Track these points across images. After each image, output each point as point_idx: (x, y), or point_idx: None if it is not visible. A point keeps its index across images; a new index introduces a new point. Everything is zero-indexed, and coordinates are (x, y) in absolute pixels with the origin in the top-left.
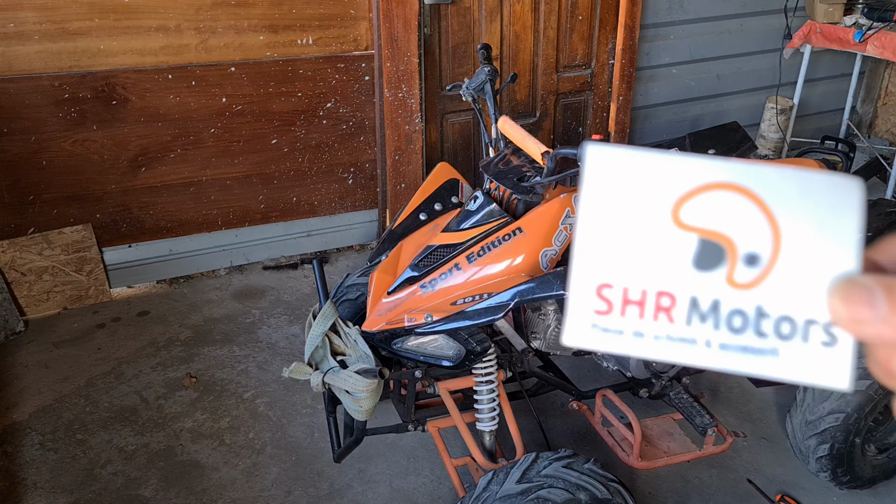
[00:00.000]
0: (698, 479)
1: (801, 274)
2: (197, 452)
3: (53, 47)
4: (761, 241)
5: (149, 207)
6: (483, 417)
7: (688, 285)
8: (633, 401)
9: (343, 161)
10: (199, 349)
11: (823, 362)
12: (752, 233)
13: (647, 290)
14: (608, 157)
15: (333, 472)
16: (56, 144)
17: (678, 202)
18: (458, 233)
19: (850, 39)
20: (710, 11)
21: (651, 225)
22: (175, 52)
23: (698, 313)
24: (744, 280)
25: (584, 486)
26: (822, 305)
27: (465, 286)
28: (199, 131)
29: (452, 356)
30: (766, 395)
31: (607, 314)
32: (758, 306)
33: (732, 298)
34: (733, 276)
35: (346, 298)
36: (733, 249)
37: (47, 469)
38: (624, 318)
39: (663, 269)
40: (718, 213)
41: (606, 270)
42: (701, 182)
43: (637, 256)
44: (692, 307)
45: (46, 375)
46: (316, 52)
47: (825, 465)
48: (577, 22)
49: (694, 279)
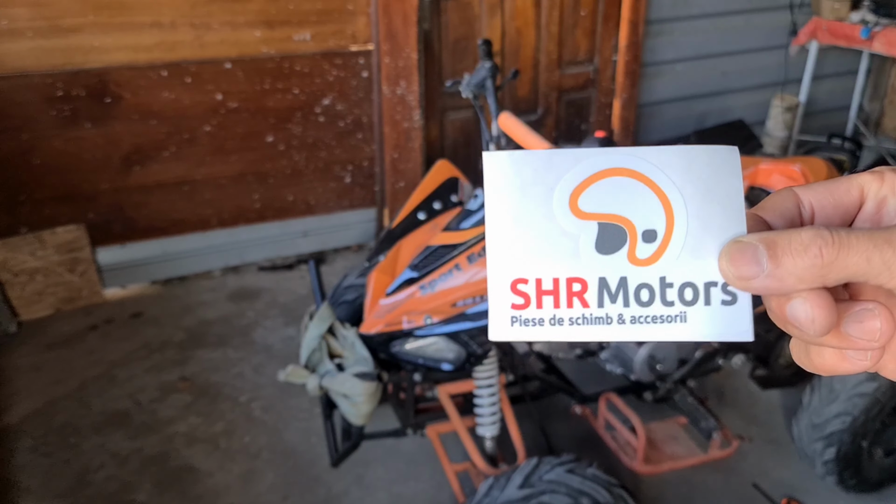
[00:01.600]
0: (703, 484)
1: (694, 242)
2: (191, 457)
3: (46, 44)
4: (655, 217)
5: (142, 207)
6: (484, 422)
7: (595, 269)
8: (637, 404)
9: (340, 159)
10: (193, 352)
11: (726, 319)
12: (646, 211)
13: (558, 279)
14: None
15: (331, 477)
16: (48, 143)
17: (574, 193)
18: (458, 232)
19: (856, 36)
20: (715, 7)
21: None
22: (169, 48)
23: (608, 293)
24: (644, 256)
25: (588, 491)
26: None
27: (466, 287)
28: (194, 129)
29: (452, 359)
30: (772, 399)
31: (525, 307)
32: (661, 277)
33: (637, 275)
34: (635, 253)
35: (344, 300)
36: (632, 229)
37: (39, 473)
38: (541, 308)
39: (570, 258)
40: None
41: (518, 267)
42: (592, 171)
43: (544, 249)
44: (602, 288)
45: (39, 378)
46: (313, 48)
47: (832, 469)
48: (579, 17)
49: (600, 262)
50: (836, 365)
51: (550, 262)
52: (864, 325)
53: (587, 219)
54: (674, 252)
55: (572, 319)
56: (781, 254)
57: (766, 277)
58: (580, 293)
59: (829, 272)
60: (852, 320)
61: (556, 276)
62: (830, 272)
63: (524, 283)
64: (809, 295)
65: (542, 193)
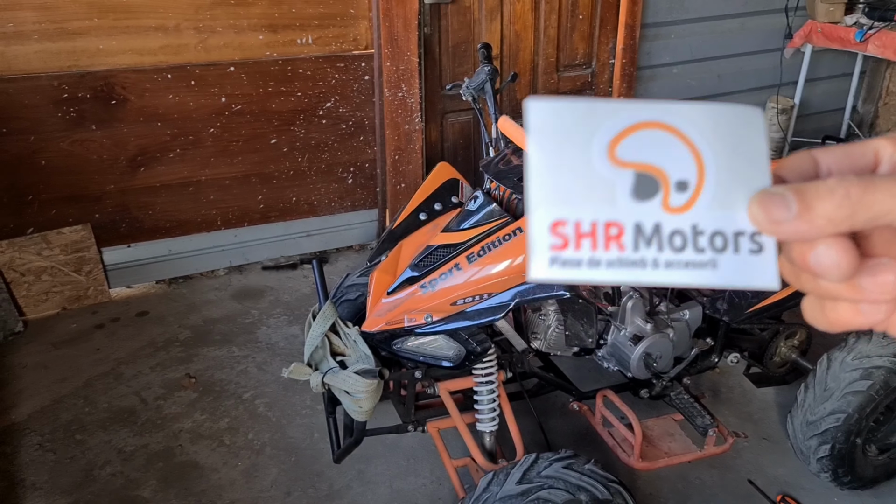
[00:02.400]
0: (699, 480)
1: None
2: (196, 453)
3: (52, 47)
4: (687, 169)
5: (148, 207)
6: (483, 418)
7: (631, 214)
8: (634, 401)
9: (342, 161)
10: (198, 349)
11: (754, 268)
12: (679, 163)
13: (596, 223)
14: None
15: (333, 472)
16: (55, 144)
17: (612, 142)
18: (458, 233)
19: (851, 39)
20: (710, 11)
21: (591, 165)
22: (174, 51)
23: (643, 238)
24: (677, 204)
25: (585, 486)
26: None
27: (466, 286)
28: (198, 131)
29: (452, 357)
30: (767, 396)
31: (564, 249)
32: (693, 225)
33: (670, 222)
34: (668, 202)
35: (346, 299)
36: (665, 179)
37: (46, 470)
38: (579, 250)
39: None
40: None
41: (557, 209)
42: (629, 123)
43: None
44: (637, 233)
45: (45, 376)
46: (315, 52)
47: (826, 466)
48: (577, 21)
49: (635, 208)
50: (850, 319)
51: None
52: (877, 278)
53: (624, 167)
54: (705, 202)
55: (609, 262)
56: (810, 198)
57: (795, 220)
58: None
59: (856, 211)
60: (866, 274)
61: (594, 220)
62: (858, 211)
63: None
64: (834, 240)
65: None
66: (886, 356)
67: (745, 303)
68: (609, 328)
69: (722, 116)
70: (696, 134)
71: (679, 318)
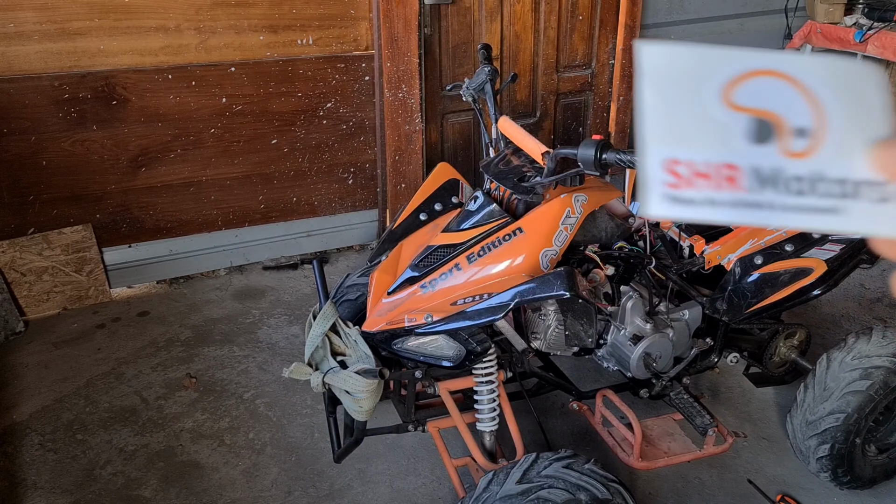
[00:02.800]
0: (698, 480)
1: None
2: (197, 453)
3: (53, 47)
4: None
5: (149, 207)
6: (483, 418)
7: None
8: (634, 401)
9: (343, 161)
10: (198, 349)
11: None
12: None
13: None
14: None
15: (333, 472)
16: (56, 144)
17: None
18: (458, 233)
19: (850, 39)
20: (710, 11)
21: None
22: (175, 52)
23: (762, 180)
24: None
25: (585, 486)
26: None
27: (466, 286)
28: (199, 131)
29: (452, 356)
30: (767, 396)
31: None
32: (814, 171)
33: (790, 166)
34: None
35: (347, 299)
36: (781, 125)
37: (47, 469)
38: (696, 189)
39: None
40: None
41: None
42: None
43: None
44: (755, 175)
45: (46, 376)
46: (316, 52)
47: (826, 466)
48: (577, 22)
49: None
50: None
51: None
52: None
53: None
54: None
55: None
56: None
57: None
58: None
59: None
60: None
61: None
62: None
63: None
64: None
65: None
66: (886, 356)
67: (744, 303)
68: (609, 328)
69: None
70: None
71: (679, 317)
